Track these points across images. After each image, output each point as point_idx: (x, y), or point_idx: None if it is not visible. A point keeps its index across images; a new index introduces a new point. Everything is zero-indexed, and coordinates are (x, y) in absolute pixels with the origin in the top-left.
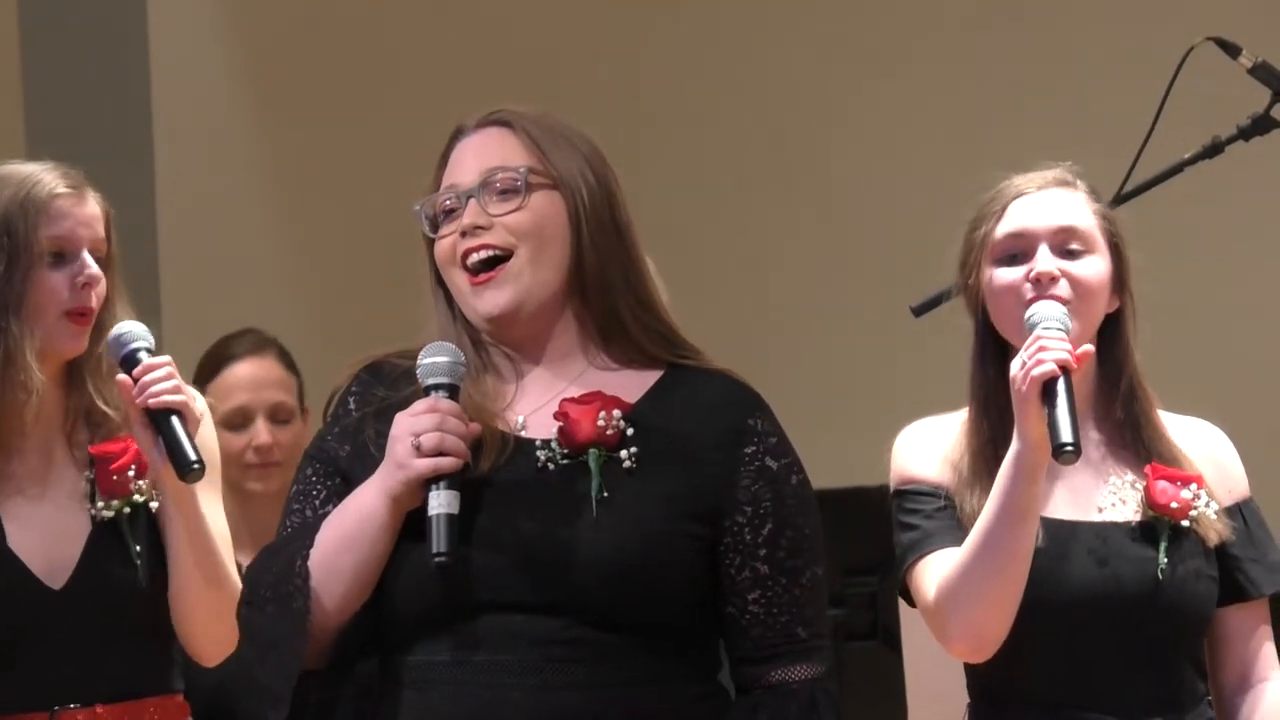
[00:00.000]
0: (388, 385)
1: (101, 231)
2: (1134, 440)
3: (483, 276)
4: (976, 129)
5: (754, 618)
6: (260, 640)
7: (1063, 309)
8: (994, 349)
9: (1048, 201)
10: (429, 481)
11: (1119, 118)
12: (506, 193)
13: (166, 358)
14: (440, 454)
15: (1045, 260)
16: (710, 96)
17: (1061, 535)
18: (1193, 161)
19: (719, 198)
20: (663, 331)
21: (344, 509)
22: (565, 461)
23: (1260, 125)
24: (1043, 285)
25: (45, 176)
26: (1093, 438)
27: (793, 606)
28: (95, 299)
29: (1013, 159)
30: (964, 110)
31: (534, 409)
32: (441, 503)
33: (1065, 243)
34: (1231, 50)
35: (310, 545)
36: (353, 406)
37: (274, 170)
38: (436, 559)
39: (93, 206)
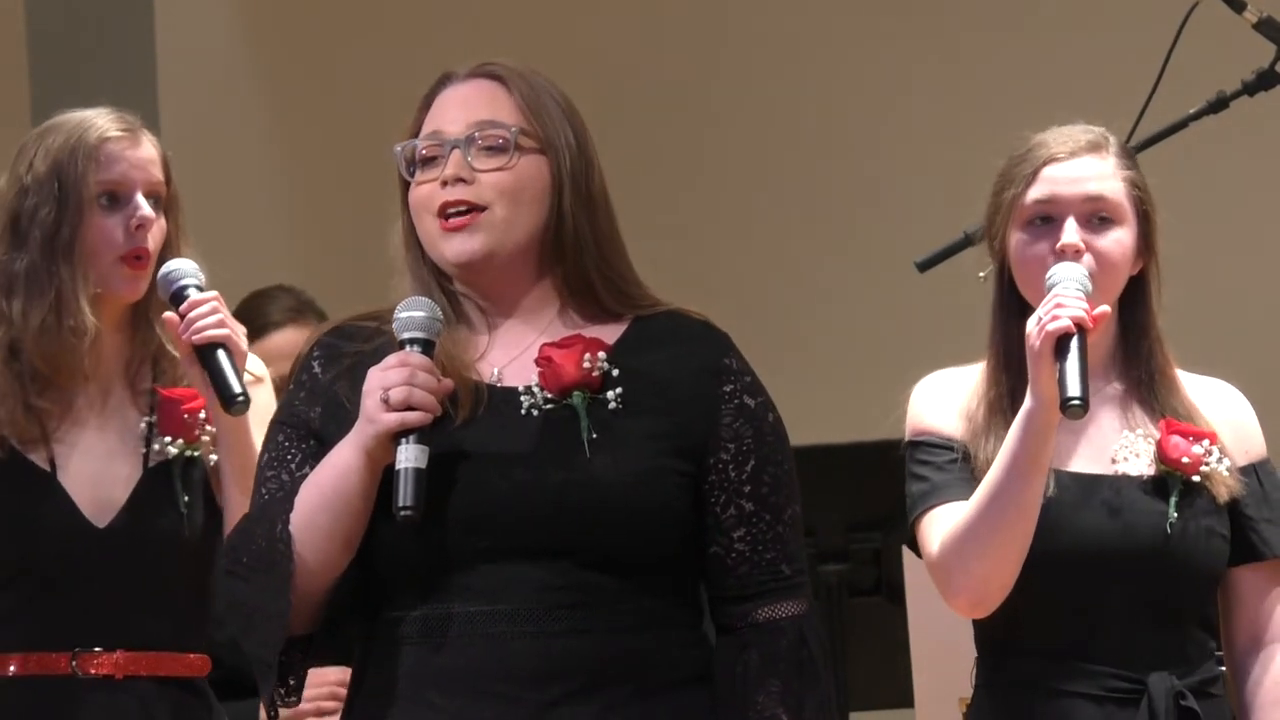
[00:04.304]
0: (355, 344)
1: (157, 174)
2: (1149, 396)
3: (455, 221)
4: (981, 84)
5: (740, 555)
6: (244, 610)
7: (1083, 271)
8: (1016, 306)
9: (1078, 169)
10: (398, 435)
11: (1123, 73)
12: (493, 150)
13: (213, 293)
14: (410, 408)
15: (1071, 233)
16: (716, 56)
17: (1074, 487)
18: (1197, 117)
19: (722, 155)
20: (629, 291)
21: (322, 467)
22: (549, 406)
23: (1265, 80)
24: (1067, 258)
25: (98, 121)
26: (1110, 393)
27: (777, 543)
28: (151, 241)
29: (1018, 113)
30: (969, 65)
31: (509, 360)
32: (409, 457)
33: (1093, 213)
34: (1237, 5)
35: (290, 509)
36: (317, 370)
37: (275, 117)
38: (402, 513)
39: (148, 149)
